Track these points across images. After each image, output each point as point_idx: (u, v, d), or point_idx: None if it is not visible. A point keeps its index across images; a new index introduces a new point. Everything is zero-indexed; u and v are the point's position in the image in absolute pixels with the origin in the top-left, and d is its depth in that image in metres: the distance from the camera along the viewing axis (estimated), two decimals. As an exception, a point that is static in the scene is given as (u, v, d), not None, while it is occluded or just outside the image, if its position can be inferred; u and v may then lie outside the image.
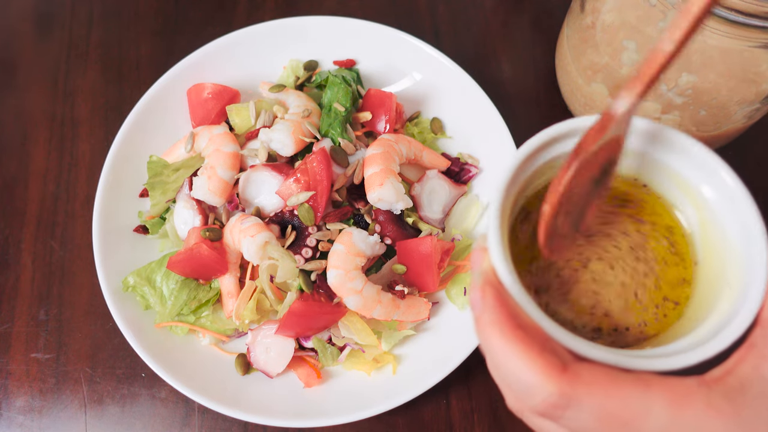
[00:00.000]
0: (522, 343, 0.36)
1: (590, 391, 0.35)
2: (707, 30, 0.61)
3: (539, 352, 0.36)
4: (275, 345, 0.73)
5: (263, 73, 0.86)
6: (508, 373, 0.37)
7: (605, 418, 0.35)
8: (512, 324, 0.37)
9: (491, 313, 0.37)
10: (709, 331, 0.38)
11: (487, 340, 0.37)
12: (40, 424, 0.76)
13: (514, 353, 0.36)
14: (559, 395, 0.35)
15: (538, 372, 0.35)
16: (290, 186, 0.74)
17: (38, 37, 0.96)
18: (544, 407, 0.35)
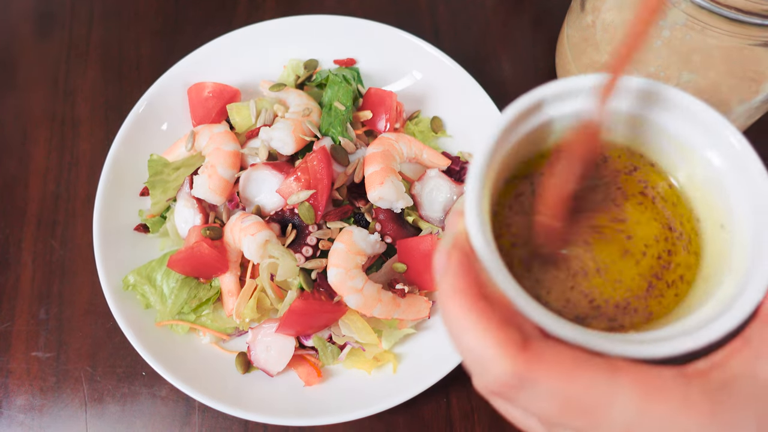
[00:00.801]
0: (482, 313, 0.33)
1: (549, 373, 0.31)
2: (707, 28, 0.61)
3: (498, 325, 0.32)
4: (276, 343, 0.73)
5: (263, 72, 0.86)
6: (465, 346, 0.33)
7: (563, 403, 0.31)
8: (474, 292, 0.33)
9: (453, 278, 0.34)
10: (703, 319, 0.35)
11: (446, 308, 0.34)
12: (41, 423, 0.76)
13: (473, 324, 0.33)
14: (512, 374, 0.31)
15: (493, 347, 0.32)
16: (291, 184, 0.74)
17: (38, 37, 0.96)
18: (497, 386, 0.32)
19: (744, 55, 0.63)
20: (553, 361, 0.32)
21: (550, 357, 0.32)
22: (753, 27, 0.58)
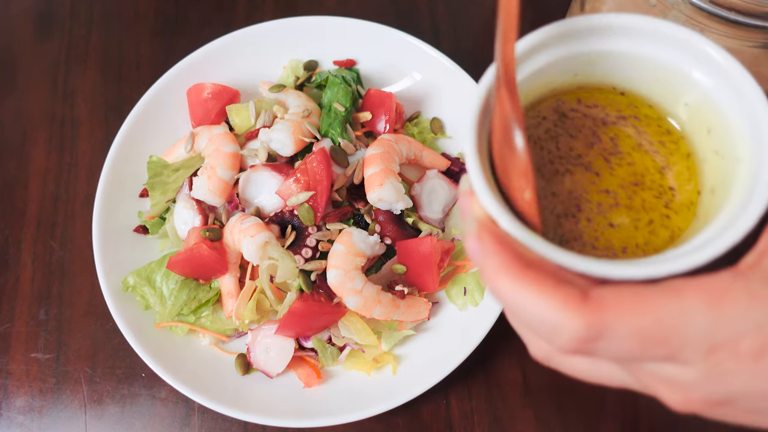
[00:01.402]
0: (534, 281, 0.33)
1: (619, 315, 0.32)
2: (707, 30, 0.61)
3: (554, 286, 0.33)
4: (275, 345, 0.73)
5: (263, 73, 0.86)
6: (528, 316, 0.33)
7: (642, 339, 0.31)
8: (519, 264, 0.34)
9: (494, 258, 0.34)
10: (729, 218, 0.35)
11: (497, 288, 0.34)
12: (40, 424, 0.76)
13: (529, 294, 0.33)
14: (587, 327, 0.32)
15: (558, 307, 0.32)
16: (290, 186, 0.74)
17: (38, 37, 0.96)
18: (575, 343, 0.32)
19: (744, 57, 0.63)
20: (618, 302, 0.32)
21: (612, 300, 0.32)
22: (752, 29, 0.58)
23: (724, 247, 0.33)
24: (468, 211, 0.37)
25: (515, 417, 0.75)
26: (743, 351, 0.31)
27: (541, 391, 0.76)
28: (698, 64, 0.39)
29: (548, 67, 0.42)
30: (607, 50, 0.41)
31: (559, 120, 0.44)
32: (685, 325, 0.31)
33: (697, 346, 0.31)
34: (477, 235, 0.36)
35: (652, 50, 0.40)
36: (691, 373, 0.32)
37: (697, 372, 0.32)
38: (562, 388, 0.76)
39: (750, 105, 0.37)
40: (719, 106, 0.39)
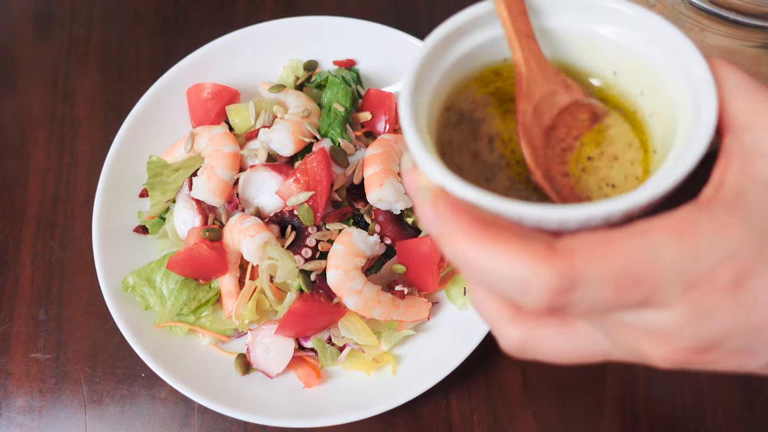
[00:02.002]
0: (497, 238, 0.31)
1: (589, 259, 0.30)
2: (706, 29, 0.61)
3: (518, 241, 0.31)
4: (275, 345, 0.73)
5: (263, 73, 0.86)
6: (495, 277, 0.31)
7: (616, 281, 0.30)
8: (479, 224, 0.32)
9: (453, 221, 0.32)
10: (678, 154, 0.34)
11: (459, 252, 0.32)
12: (40, 424, 0.76)
13: (493, 252, 0.31)
14: (558, 276, 0.30)
15: (526, 261, 0.30)
16: (290, 186, 0.74)
17: (38, 37, 0.96)
18: (548, 297, 0.30)
19: (743, 56, 0.63)
20: (587, 248, 0.30)
21: (581, 246, 0.30)
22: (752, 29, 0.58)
23: (680, 175, 0.32)
24: (415, 185, 0.35)
25: (515, 417, 0.75)
26: (720, 284, 0.30)
27: (541, 391, 0.76)
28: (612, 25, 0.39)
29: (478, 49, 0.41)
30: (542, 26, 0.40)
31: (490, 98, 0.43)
32: (657, 260, 0.30)
33: (673, 283, 0.30)
34: (431, 202, 0.33)
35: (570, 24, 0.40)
36: (673, 317, 0.31)
37: (678, 314, 0.31)
38: (562, 387, 0.76)
39: (669, 44, 0.37)
40: (642, 61, 0.39)
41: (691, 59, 0.36)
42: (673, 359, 0.32)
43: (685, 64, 0.36)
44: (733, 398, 0.76)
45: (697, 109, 0.35)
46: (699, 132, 0.33)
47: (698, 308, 0.30)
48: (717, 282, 0.30)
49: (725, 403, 0.76)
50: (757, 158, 0.33)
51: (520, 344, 0.36)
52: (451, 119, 0.43)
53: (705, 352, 0.32)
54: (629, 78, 0.41)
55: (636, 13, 0.38)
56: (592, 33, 0.40)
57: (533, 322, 0.36)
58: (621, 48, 0.40)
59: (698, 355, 0.32)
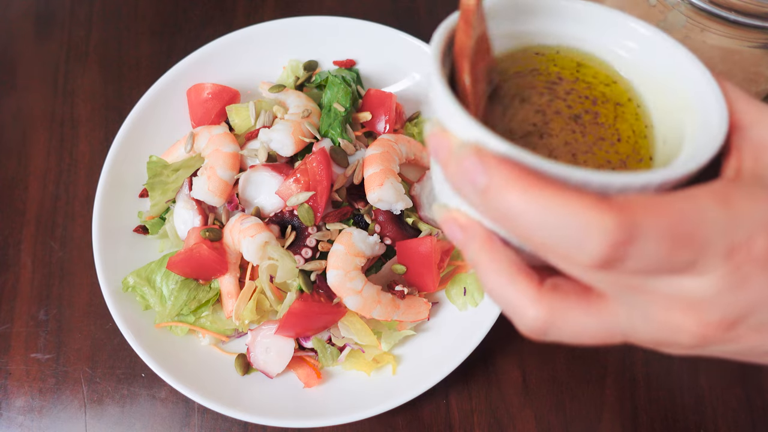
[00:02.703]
0: (552, 188, 0.30)
1: (648, 214, 0.30)
2: (706, 30, 0.61)
3: (575, 193, 0.30)
4: (275, 345, 0.73)
5: (263, 73, 0.86)
6: (549, 230, 0.30)
7: (672, 239, 0.30)
8: (531, 175, 0.30)
9: (501, 172, 0.31)
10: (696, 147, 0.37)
11: (510, 206, 0.31)
12: (40, 425, 0.76)
13: (550, 202, 0.30)
14: (620, 227, 0.29)
15: (586, 210, 0.29)
16: (290, 186, 0.74)
17: (38, 37, 0.96)
18: (607, 250, 0.29)
19: (743, 56, 0.63)
20: (643, 203, 0.30)
21: (637, 202, 0.30)
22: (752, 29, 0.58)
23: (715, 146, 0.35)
24: (447, 146, 0.34)
25: (515, 417, 0.75)
26: (757, 252, 0.31)
27: (541, 391, 0.76)
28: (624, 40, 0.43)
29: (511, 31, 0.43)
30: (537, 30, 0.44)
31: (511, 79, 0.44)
32: (705, 222, 0.30)
33: (717, 246, 0.30)
34: (475, 153, 0.32)
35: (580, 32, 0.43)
36: (711, 283, 0.31)
37: (717, 280, 0.31)
38: (562, 387, 0.76)
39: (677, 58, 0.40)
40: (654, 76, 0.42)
41: (694, 68, 0.40)
42: (702, 333, 0.32)
43: (686, 71, 0.40)
44: (733, 398, 0.76)
45: (704, 114, 0.38)
46: (718, 116, 0.37)
47: (735, 275, 0.31)
48: (754, 250, 0.31)
49: (725, 403, 0.76)
50: (765, 150, 0.35)
51: (544, 324, 0.35)
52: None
53: (732, 326, 0.32)
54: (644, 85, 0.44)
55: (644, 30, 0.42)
56: (609, 51, 0.44)
57: (559, 301, 0.35)
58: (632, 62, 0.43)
59: (726, 329, 0.32)
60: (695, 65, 0.40)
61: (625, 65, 0.44)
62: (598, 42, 0.44)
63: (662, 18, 0.65)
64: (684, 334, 0.33)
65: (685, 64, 0.41)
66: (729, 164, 0.36)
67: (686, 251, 0.30)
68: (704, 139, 0.37)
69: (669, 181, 0.33)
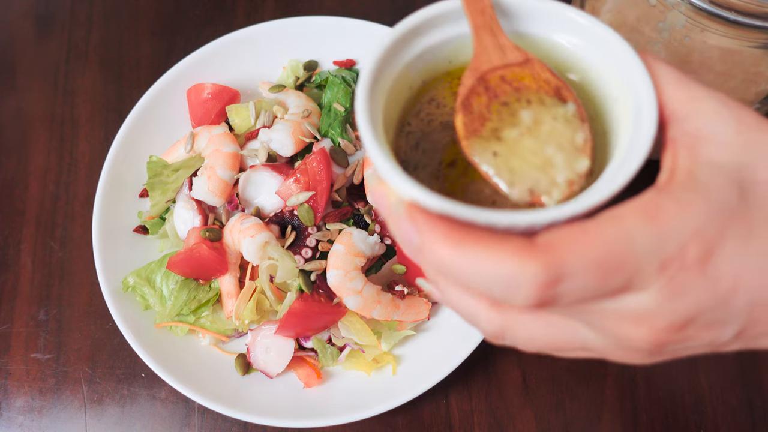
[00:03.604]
0: (478, 241, 0.32)
1: (572, 250, 0.31)
2: (706, 30, 0.61)
3: (499, 242, 0.31)
4: (275, 345, 0.73)
5: (263, 73, 0.86)
6: (481, 279, 0.32)
7: (599, 269, 0.31)
8: (458, 230, 0.32)
9: (432, 231, 0.33)
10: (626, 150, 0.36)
11: (442, 261, 0.33)
12: (40, 425, 0.76)
13: (477, 254, 0.31)
14: (545, 270, 0.30)
15: (511, 259, 0.31)
16: (290, 186, 0.74)
17: (38, 37, 0.96)
18: (538, 292, 0.31)
19: (743, 56, 0.63)
20: (567, 240, 0.31)
21: (561, 239, 0.31)
22: (752, 29, 0.58)
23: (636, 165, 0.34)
24: (385, 201, 0.36)
25: (515, 417, 0.75)
26: (690, 260, 0.31)
27: (541, 391, 0.76)
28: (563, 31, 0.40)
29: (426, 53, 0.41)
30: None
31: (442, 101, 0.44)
32: (632, 244, 0.31)
33: (648, 264, 0.31)
34: (407, 216, 0.34)
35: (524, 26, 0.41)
36: (651, 297, 0.32)
37: (656, 293, 0.32)
38: (562, 387, 0.76)
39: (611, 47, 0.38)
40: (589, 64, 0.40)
41: (627, 56, 0.37)
42: (655, 340, 0.33)
43: (620, 59, 0.38)
44: (733, 398, 0.76)
45: (637, 107, 0.37)
46: (645, 125, 0.35)
47: (672, 286, 0.32)
48: (686, 259, 0.31)
49: (725, 403, 0.76)
50: (701, 142, 0.34)
51: (499, 330, 0.37)
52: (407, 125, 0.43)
53: (682, 329, 0.33)
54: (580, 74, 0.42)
55: (578, 18, 0.39)
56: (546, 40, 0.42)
57: (514, 312, 0.37)
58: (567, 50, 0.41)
59: (677, 332, 0.33)
60: (623, 48, 0.37)
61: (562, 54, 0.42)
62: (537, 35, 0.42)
63: (662, 18, 0.65)
64: (639, 342, 0.34)
65: (615, 47, 0.38)
66: (664, 163, 0.36)
67: (617, 277, 0.31)
68: (635, 139, 0.35)
69: (595, 207, 0.33)
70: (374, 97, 0.39)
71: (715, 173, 0.33)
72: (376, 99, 0.39)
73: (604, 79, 0.40)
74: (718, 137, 0.34)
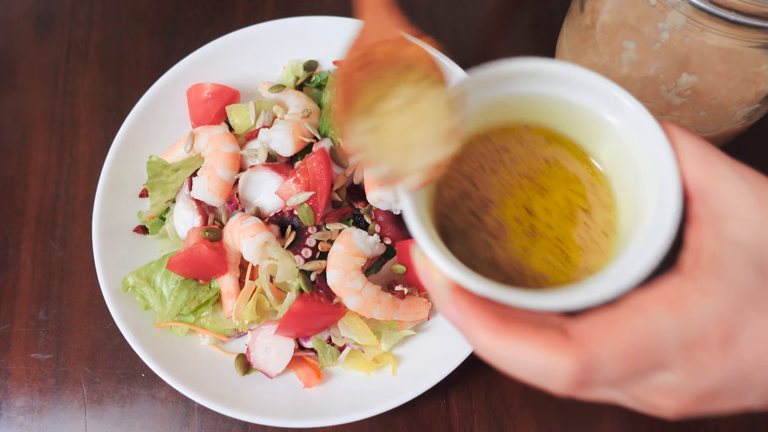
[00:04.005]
0: (517, 334, 0.35)
1: (602, 344, 0.34)
2: (706, 30, 0.61)
3: (536, 333, 0.35)
4: (275, 345, 0.73)
5: (263, 73, 0.86)
6: (520, 368, 0.36)
7: (628, 360, 0.34)
8: (498, 320, 0.36)
9: (475, 320, 0.36)
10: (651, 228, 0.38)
11: (485, 348, 0.36)
12: (40, 425, 0.76)
13: (518, 348, 0.35)
14: (578, 365, 0.34)
15: (547, 353, 0.34)
16: (290, 186, 0.74)
17: (38, 37, 0.96)
18: (572, 383, 0.34)
19: (743, 56, 0.63)
20: (597, 332, 0.34)
21: (591, 332, 0.34)
22: (752, 29, 0.58)
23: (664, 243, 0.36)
24: (430, 278, 0.39)
25: (515, 417, 0.75)
26: (712, 344, 0.34)
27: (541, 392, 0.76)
28: (610, 108, 0.42)
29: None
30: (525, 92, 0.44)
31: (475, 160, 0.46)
32: (658, 335, 0.34)
33: (673, 350, 0.34)
34: (453, 301, 0.37)
35: (567, 93, 0.43)
36: (678, 375, 0.35)
37: (682, 372, 0.34)
38: (562, 388, 0.76)
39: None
40: (630, 153, 0.41)
41: (649, 127, 0.39)
42: (684, 408, 0.36)
43: (643, 130, 0.39)
44: (733, 398, 0.76)
45: (661, 181, 0.38)
46: (669, 205, 0.37)
47: (696, 366, 0.34)
48: (709, 343, 0.34)
49: (725, 403, 0.76)
50: (726, 220, 0.36)
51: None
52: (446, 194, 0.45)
53: (708, 401, 0.36)
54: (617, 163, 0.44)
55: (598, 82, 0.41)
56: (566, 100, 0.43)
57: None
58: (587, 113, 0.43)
59: (703, 403, 0.36)
60: (646, 119, 0.39)
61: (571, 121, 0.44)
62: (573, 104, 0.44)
63: (662, 18, 0.65)
64: (667, 410, 0.37)
65: (637, 117, 0.39)
66: (689, 242, 0.37)
67: (645, 362, 0.34)
68: (660, 218, 0.37)
69: (624, 292, 0.36)
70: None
71: (737, 255, 0.35)
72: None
73: (629, 148, 0.41)
74: (739, 214, 0.36)
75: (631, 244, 0.39)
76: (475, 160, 0.46)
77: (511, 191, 0.45)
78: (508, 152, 0.45)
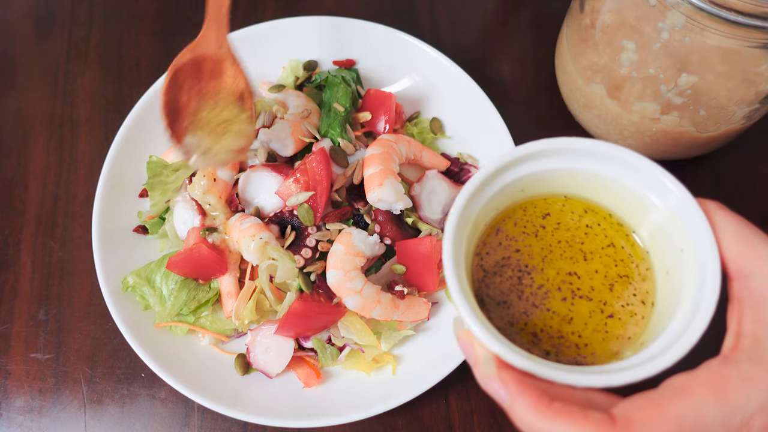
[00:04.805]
0: (563, 415, 0.35)
1: (648, 428, 0.35)
2: (706, 30, 0.61)
3: (583, 416, 0.35)
4: (275, 345, 0.73)
5: (263, 73, 0.86)
6: None
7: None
8: (545, 401, 0.36)
9: (522, 399, 0.37)
10: (691, 308, 0.39)
11: (529, 426, 0.37)
12: (40, 425, 0.76)
13: (562, 427, 0.35)
14: None
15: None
16: (290, 186, 0.74)
17: (38, 37, 0.96)
18: None
19: (743, 57, 0.63)
20: (642, 417, 0.35)
21: (637, 416, 0.35)
22: (751, 29, 0.58)
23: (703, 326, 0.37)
24: (471, 350, 0.40)
25: (515, 417, 0.75)
26: (755, 430, 0.35)
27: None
28: (654, 189, 0.43)
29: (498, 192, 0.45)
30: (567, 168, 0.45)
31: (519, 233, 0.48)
32: (703, 420, 0.35)
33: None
34: (499, 378, 0.38)
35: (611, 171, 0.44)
36: None
37: None
38: (562, 388, 0.76)
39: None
40: (671, 231, 0.43)
41: (688, 206, 0.40)
42: None
43: (683, 209, 0.41)
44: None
45: (701, 262, 0.39)
46: (708, 286, 0.38)
47: None
48: (752, 429, 0.35)
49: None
50: (764, 302, 0.37)
51: None
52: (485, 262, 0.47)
53: None
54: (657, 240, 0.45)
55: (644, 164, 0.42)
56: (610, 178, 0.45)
57: None
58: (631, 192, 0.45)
59: None
60: (685, 198, 0.40)
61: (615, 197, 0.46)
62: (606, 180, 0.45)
63: (662, 18, 0.65)
64: None
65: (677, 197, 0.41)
66: (730, 325, 0.38)
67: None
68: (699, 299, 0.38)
69: (665, 370, 0.37)
70: (458, 241, 0.42)
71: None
72: (459, 242, 0.42)
73: (669, 227, 0.43)
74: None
75: (671, 322, 0.40)
76: (518, 226, 0.47)
77: (552, 257, 0.46)
78: (550, 217, 0.47)
